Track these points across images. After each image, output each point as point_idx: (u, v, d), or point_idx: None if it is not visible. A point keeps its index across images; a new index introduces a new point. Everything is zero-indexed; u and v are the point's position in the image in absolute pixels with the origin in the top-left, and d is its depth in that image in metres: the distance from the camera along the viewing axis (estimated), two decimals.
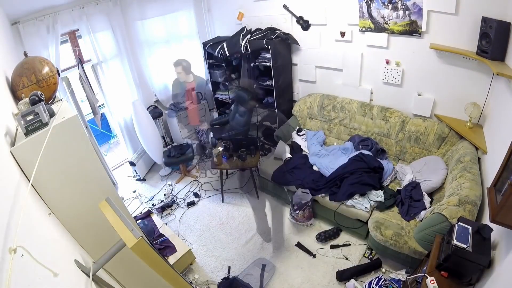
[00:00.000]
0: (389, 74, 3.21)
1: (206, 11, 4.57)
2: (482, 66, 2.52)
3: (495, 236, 1.70)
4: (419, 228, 2.30)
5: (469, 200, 2.06)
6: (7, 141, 1.28)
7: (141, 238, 1.04)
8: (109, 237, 1.25)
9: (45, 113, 1.35)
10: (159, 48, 4.21)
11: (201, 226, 3.32)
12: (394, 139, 3.26)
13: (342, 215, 2.89)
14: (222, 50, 3.97)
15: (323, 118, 3.77)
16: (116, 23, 3.63)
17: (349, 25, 3.27)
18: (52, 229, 1.22)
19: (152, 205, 3.69)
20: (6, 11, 2.66)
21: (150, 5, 3.91)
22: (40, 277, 0.81)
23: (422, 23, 2.75)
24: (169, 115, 4.45)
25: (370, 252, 2.75)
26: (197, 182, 3.99)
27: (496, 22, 2.21)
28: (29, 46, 2.84)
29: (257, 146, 3.50)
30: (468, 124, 2.75)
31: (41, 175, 1.25)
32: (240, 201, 3.60)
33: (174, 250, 2.76)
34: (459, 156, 2.55)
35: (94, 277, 1.16)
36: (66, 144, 1.41)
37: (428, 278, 1.64)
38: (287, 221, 3.23)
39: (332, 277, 2.60)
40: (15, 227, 0.81)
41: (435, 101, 3.03)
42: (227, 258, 2.92)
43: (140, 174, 4.15)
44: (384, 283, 2.32)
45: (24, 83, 1.66)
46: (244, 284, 2.57)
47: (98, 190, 1.58)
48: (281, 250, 2.92)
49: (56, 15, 3.00)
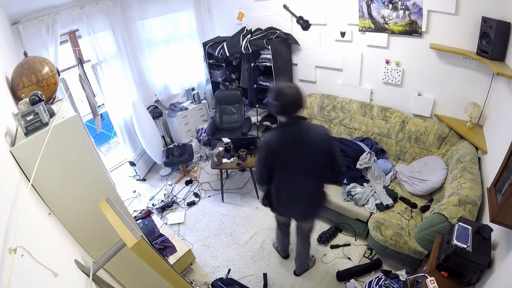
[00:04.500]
0: (389, 74, 3.21)
1: (206, 11, 4.57)
2: (482, 66, 2.52)
3: (495, 236, 1.69)
4: (419, 228, 2.30)
5: (469, 200, 2.06)
6: (7, 141, 1.28)
7: (141, 238, 1.04)
8: (109, 237, 1.25)
9: (45, 113, 1.35)
10: (159, 48, 4.21)
11: (201, 226, 3.32)
12: (394, 139, 3.26)
13: (342, 215, 2.89)
14: (222, 50, 3.97)
15: (323, 118, 3.77)
16: (116, 23, 3.63)
17: (349, 25, 3.27)
18: (52, 229, 1.22)
19: (152, 205, 3.69)
20: (6, 11, 2.66)
21: (150, 5, 3.92)
22: (40, 277, 0.81)
23: (422, 23, 2.75)
24: (169, 115, 4.45)
25: (370, 252, 2.74)
26: (196, 182, 3.99)
27: (496, 22, 2.21)
28: (29, 46, 2.84)
29: (257, 146, 3.50)
30: (468, 124, 2.75)
31: (41, 175, 1.25)
32: (240, 201, 3.59)
33: (174, 250, 2.76)
34: (459, 156, 2.55)
35: (94, 277, 1.16)
36: (66, 144, 1.40)
37: (428, 278, 1.64)
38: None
39: (332, 277, 2.60)
40: (15, 227, 0.81)
41: (435, 101, 3.03)
42: (227, 258, 2.92)
43: (140, 174, 4.15)
44: (384, 283, 2.32)
45: (24, 83, 1.66)
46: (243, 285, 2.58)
47: (98, 190, 1.58)
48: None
49: (56, 15, 3.00)
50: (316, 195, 2.08)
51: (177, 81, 4.56)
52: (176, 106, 4.48)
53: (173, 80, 4.51)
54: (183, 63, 4.49)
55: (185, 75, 4.63)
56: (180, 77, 4.58)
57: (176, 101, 4.58)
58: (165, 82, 4.45)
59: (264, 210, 3.40)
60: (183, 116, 4.46)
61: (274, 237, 2.91)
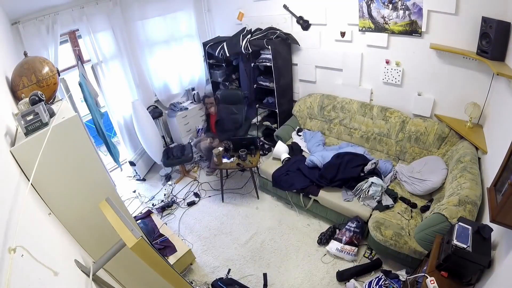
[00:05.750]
0: (389, 74, 3.21)
1: (206, 11, 4.57)
2: (482, 66, 2.52)
3: (495, 236, 1.70)
4: (419, 228, 2.30)
5: (469, 200, 2.06)
6: (7, 141, 1.28)
7: (141, 238, 1.04)
8: (109, 237, 1.25)
9: (45, 113, 1.35)
10: (159, 48, 4.21)
11: (201, 226, 3.32)
12: (394, 139, 3.26)
13: (342, 215, 2.89)
14: (222, 50, 3.97)
15: (323, 118, 3.77)
16: (116, 23, 3.62)
17: (349, 25, 3.27)
18: (52, 229, 1.22)
19: (152, 205, 3.69)
20: (6, 11, 2.66)
21: (150, 5, 3.91)
22: (40, 277, 0.81)
23: (422, 23, 2.75)
24: (169, 115, 4.45)
25: (370, 252, 2.74)
26: (196, 182, 3.99)
27: (496, 22, 2.21)
28: (29, 46, 2.84)
29: (257, 146, 3.50)
30: (468, 124, 2.75)
31: (41, 175, 1.24)
32: (240, 201, 3.59)
33: (174, 250, 2.76)
34: (459, 156, 2.55)
35: (94, 277, 1.16)
36: (66, 144, 1.41)
37: (428, 278, 1.64)
38: (287, 221, 3.23)
39: (332, 277, 2.60)
40: (15, 227, 0.81)
41: (435, 101, 3.03)
42: (227, 258, 2.92)
43: (140, 174, 4.15)
44: (384, 283, 2.32)
45: (24, 83, 1.66)
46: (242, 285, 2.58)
47: (98, 190, 1.58)
48: (281, 250, 2.92)
49: (56, 15, 3.00)
50: None
51: (177, 81, 4.56)
52: (176, 106, 4.48)
53: (173, 80, 4.51)
54: (183, 63, 4.49)
55: (185, 75, 4.63)
56: (180, 77, 4.58)
57: (176, 101, 4.58)
58: (165, 82, 4.45)
59: (264, 210, 3.41)
60: (183, 116, 4.46)
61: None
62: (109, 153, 3.43)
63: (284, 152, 3.46)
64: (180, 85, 4.63)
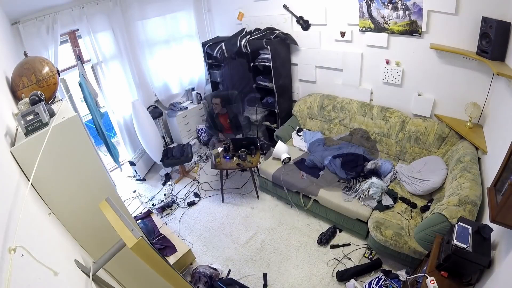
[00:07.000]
0: (389, 74, 3.21)
1: (206, 11, 4.57)
2: (482, 66, 2.52)
3: (495, 236, 1.70)
4: (419, 228, 2.30)
5: (469, 200, 2.06)
6: (7, 141, 1.28)
7: (141, 238, 1.04)
8: (109, 237, 1.25)
9: (45, 113, 1.35)
10: (159, 48, 4.21)
11: (201, 226, 3.32)
12: (394, 139, 3.26)
13: (342, 215, 2.89)
14: (220, 50, 3.97)
15: (323, 118, 3.77)
16: (116, 23, 3.63)
17: (349, 25, 3.27)
18: (52, 229, 1.22)
19: (152, 205, 3.69)
20: (6, 11, 2.66)
21: (150, 5, 3.91)
22: (40, 277, 0.81)
23: (422, 23, 2.75)
24: (169, 115, 4.45)
25: (370, 252, 2.74)
26: (196, 182, 3.99)
27: (496, 22, 2.21)
28: (29, 46, 2.84)
29: (257, 146, 3.50)
30: (468, 124, 2.75)
31: (41, 175, 1.25)
32: (240, 201, 3.59)
33: (174, 250, 2.76)
34: (459, 156, 2.55)
35: (94, 277, 1.16)
36: (66, 144, 1.40)
37: (428, 278, 1.64)
38: (287, 221, 3.23)
39: (332, 277, 2.60)
40: (15, 227, 0.81)
41: (435, 101, 3.03)
42: (227, 258, 2.92)
43: (140, 174, 4.15)
44: (384, 283, 2.32)
45: (24, 83, 1.66)
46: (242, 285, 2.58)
47: (98, 190, 1.58)
48: (281, 250, 2.92)
49: (56, 15, 3.00)
50: None
51: (177, 81, 4.57)
52: (176, 106, 4.48)
53: (173, 80, 4.51)
54: (183, 63, 4.49)
55: (185, 75, 4.63)
56: (180, 77, 4.58)
57: (176, 101, 4.58)
58: (165, 82, 4.45)
59: (264, 210, 3.41)
60: (183, 116, 4.46)
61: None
62: (109, 153, 3.43)
63: (284, 152, 3.46)
64: (180, 85, 4.63)
